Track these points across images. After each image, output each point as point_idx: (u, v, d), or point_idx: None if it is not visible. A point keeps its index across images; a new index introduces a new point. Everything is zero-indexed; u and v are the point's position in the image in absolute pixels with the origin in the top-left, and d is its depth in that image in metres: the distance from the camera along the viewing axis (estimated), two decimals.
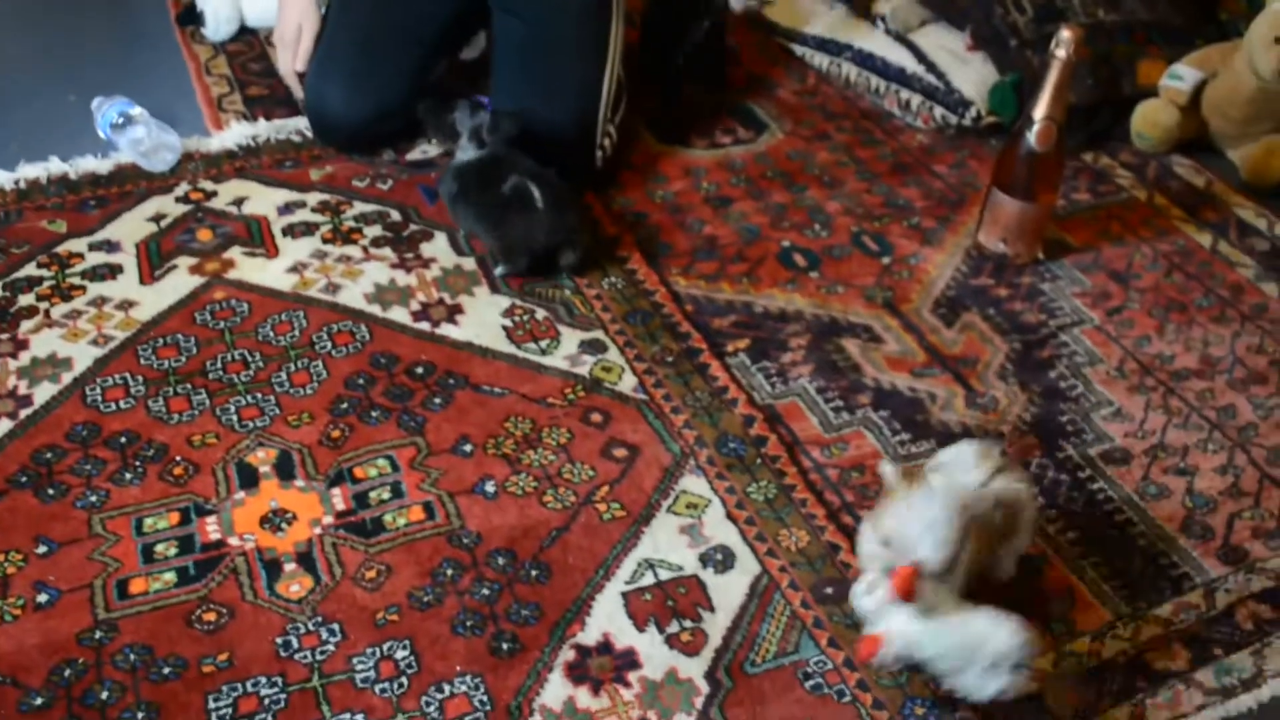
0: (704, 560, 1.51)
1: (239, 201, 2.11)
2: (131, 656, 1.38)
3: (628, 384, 1.76)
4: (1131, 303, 1.99)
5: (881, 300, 1.96)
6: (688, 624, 1.44)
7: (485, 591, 1.46)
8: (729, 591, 1.48)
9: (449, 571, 1.48)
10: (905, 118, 2.43)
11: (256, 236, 2.03)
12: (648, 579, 1.49)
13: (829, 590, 1.48)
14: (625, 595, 1.46)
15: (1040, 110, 1.94)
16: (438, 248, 2.01)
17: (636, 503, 1.58)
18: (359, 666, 1.38)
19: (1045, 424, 1.76)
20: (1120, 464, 1.70)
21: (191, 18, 2.65)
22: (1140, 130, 2.36)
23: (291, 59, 2.24)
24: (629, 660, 1.40)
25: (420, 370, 1.77)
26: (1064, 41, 1.89)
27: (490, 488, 1.59)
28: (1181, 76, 2.32)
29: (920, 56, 2.43)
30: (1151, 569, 1.56)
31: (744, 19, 2.72)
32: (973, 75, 2.37)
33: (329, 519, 1.55)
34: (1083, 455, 1.71)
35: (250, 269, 1.95)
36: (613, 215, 2.11)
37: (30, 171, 2.17)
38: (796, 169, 2.27)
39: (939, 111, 2.37)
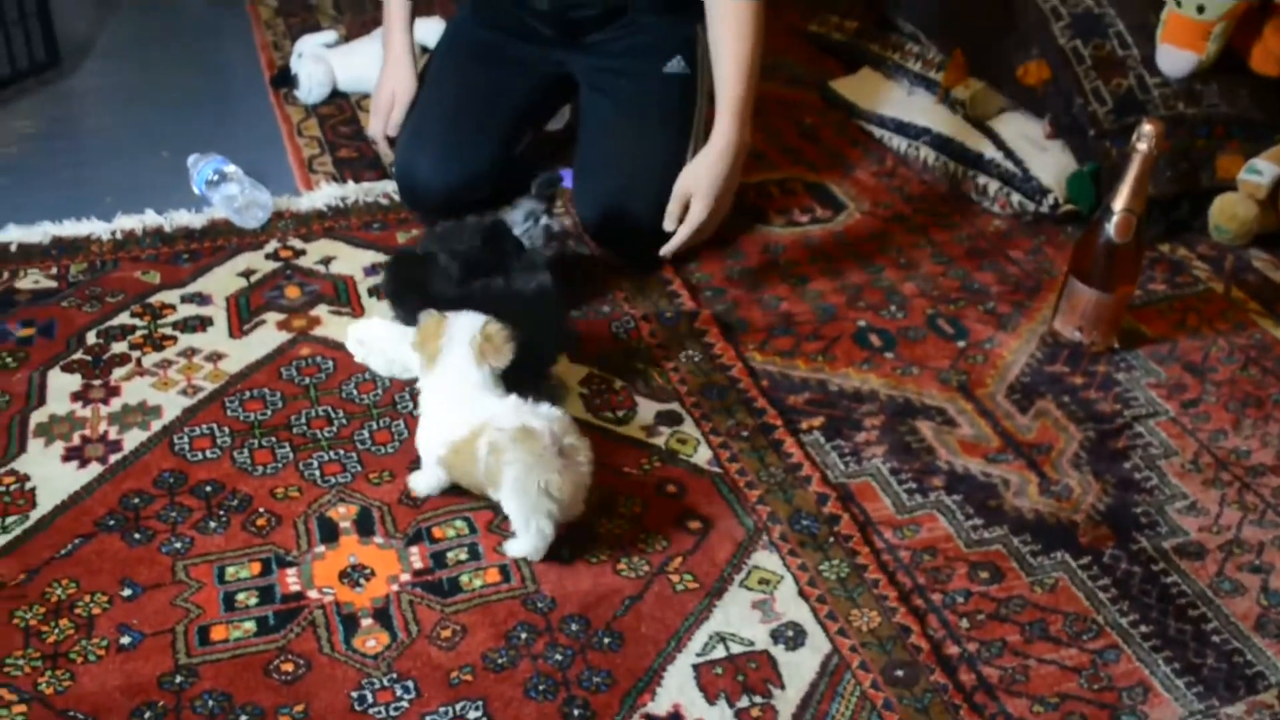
0: (775, 636, 1.52)
1: (327, 261, 2.17)
2: (210, 702, 1.41)
3: (703, 457, 1.78)
4: (1207, 396, 1.99)
5: (956, 384, 1.97)
6: (758, 699, 1.44)
7: (558, 656, 1.47)
8: (800, 669, 1.48)
9: (523, 635, 1.50)
10: (982, 203, 2.45)
11: (343, 296, 2.08)
12: (719, 652, 1.50)
13: (899, 673, 1.48)
14: (696, 667, 1.48)
15: (1120, 202, 1.96)
16: None
17: (709, 575, 1.59)
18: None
19: (1119, 515, 1.75)
20: (1194, 558, 1.69)
21: (285, 80, 2.73)
22: (1218, 223, 2.36)
23: (383, 124, 2.30)
24: None
25: None
26: (1145, 135, 1.90)
27: (566, 553, 1.61)
28: (1260, 171, 2.32)
29: (999, 143, 2.46)
30: (1225, 666, 1.54)
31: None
32: (1051, 163, 2.39)
33: (406, 576, 1.58)
34: (1156, 548, 1.70)
35: (336, 327, 2.00)
36: (691, 289, 2.14)
37: (126, 223, 2.24)
38: (873, 249, 2.30)
39: (1016, 198, 2.39)
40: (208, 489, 1.70)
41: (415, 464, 1.73)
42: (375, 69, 2.65)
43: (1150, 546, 1.71)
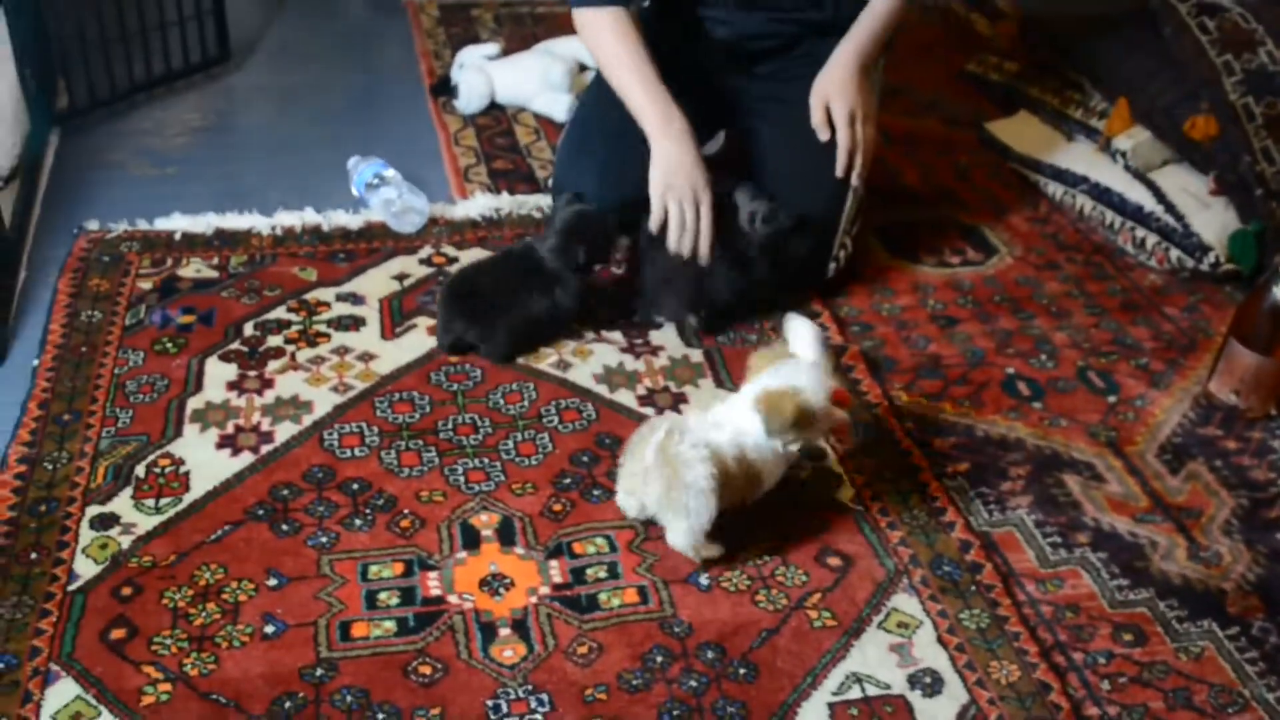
0: (912, 681, 1.50)
1: None
2: (349, 698, 1.43)
3: (845, 494, 1.77)
4: None
5: (1105, 439, 1.93)
6: None
7: (693, 683, 1.47)
8: (936, 717, 1.46)
9: (659, 658, 1.50)
10: (1139, 256, 2.40)
11: None
12: (855, 693, 1.48)
13: None
14: (831, 706, 1.46)
15: None
16: (666, 336, 2.06)
17: (848, 614, 1.58)
18: None
19: (1270, 586, 1.70)
20: None
21: (445, 89, 2.78)
22: None
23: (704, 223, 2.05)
24: None
25: None
26: None
27: (704, 580, 1.61)
28: None
29: (1159, 196, 2.40)
30: None
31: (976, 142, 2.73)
32: (1213, 220, 2.33)
33: (546, 589, 1.59)
34: None
35: None
36: (839, 323, 2.12)
37: (286, 220, 2.30)
38: (1025, 296, 2.26)
39: (1175, 253, 2.34)
40: (355, 486, 1.73)
41: (558, 476, 1.75)
42: (533, 82, 2.71)
43: None
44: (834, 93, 2.13)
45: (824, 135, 2.14)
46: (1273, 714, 1.51)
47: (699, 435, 1.59)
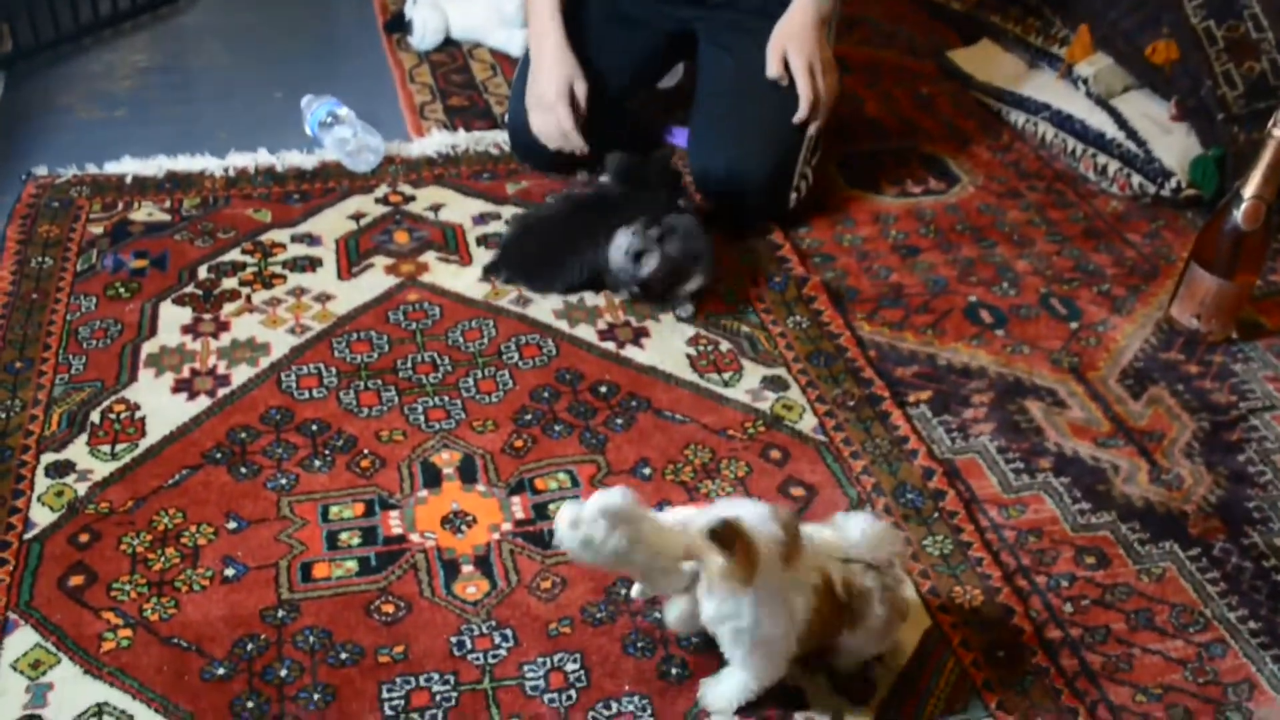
0: None
1: (436, 208, 2.17)
2: (311, 638, 1.42)
3: (808, 424, 1.76)
4: None
5: (1068, 365, 1.93)
6: None
7: (657, 615, 1.46)
8: (900, 642, 1.46)
9: (623, 591, 1.49)
10: (1101, 182, 2.39)
11: (452, 243, 2.08)
12: None
13: (1001, 653, 1.45)
14: None
15: (1250, 188, 1.90)
16: None
17: None
18: (529, 674, 1.40)
19: (1231, 508, 1.71)
20: None
21: (399, 26, 2.74)
22: None
23: (567, 115, 2.17)
24: (797, 699, 1.39)
25: (604, 389, 1.79)
26: None
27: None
28: None
29: (1121, 122, 2.40)
30: None
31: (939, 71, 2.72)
32: (1175, 146, 2.32)
33: (508, 526, 1.58)
34: (1268, 544, 1.66)
35: (444, 274, 2.00)
36: (801, 255, 2.11)
37: (239, 161, 2.27)
38: (987, 224, 2.25)
39: (1137, 179, 2.33)
40: (313, 428, 1.71)
41: (519, 412, 1.74)
42: (488, 18, 2.67)
43: (1262, 542, 1.66)
44: (792, 44, 2.11)
45: (774, 72, 2.12)
46: (1233, 632, 1.52)
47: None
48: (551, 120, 2.18)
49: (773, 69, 2.12)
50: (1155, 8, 2.41)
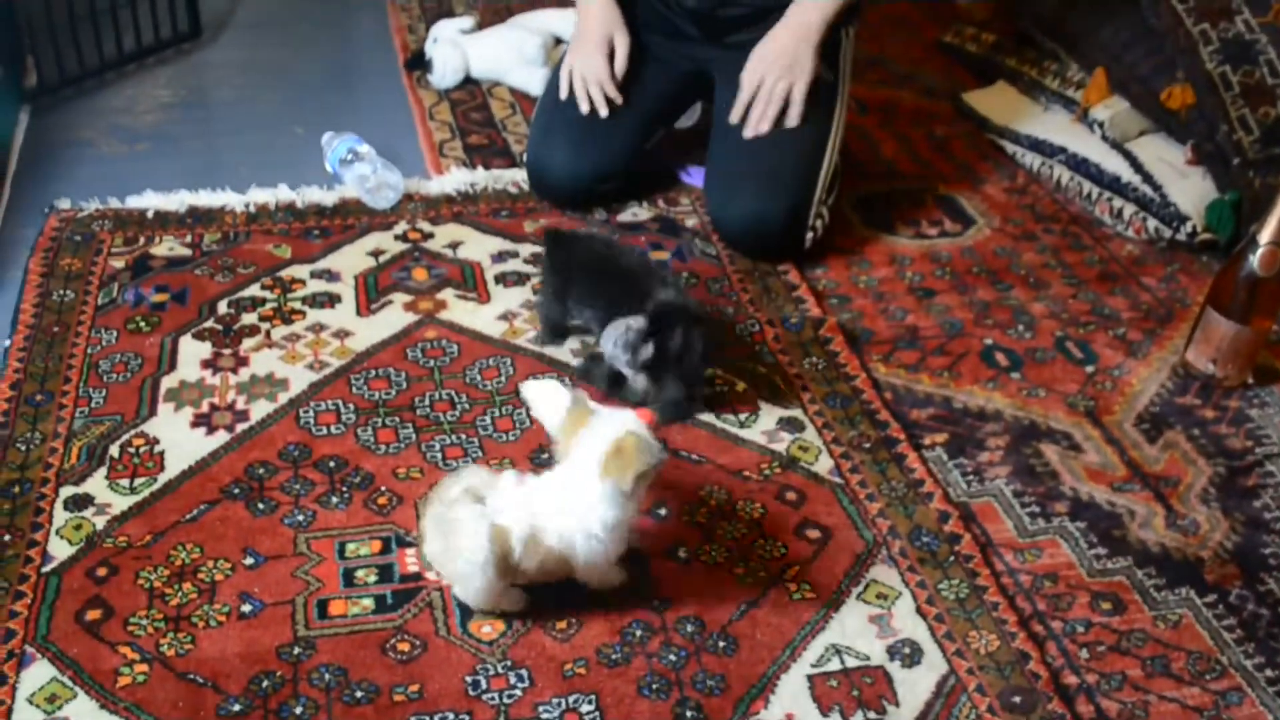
0: (891, 653, 1.50)
1: (455, 245, 2.18)
2: (327, 676, 1.43)
3: (824, 465, 1.76)
4: None
5: (1084, 409, 1.93)
6: (872, 715, 1.42)
7: (672, 657, 1.47)
8: (915, 688, 1.46)
9: (638, 632, 1.49)
10: (1116, 226, 2.40)
11: (470, 281, 2.09)
12: (834, 665, 1.48)
13: (1016, 699, 1.45)
14: (811, 678, 1.46)
15: (1266, 234, 1.90)
16: None
17: (827, 586, 1.58)
18: (544, 715, 1.40)
19: (1247, 554, 1.70)
20: None
21: (419, 64, 2.76)
22: None
23: (603, 65, 2.22)
24: None
25: None
26: None
27: (683, 554, 1.61)
28: None
29: (1137, 166, 2.40)
30: None
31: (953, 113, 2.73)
32: (1191, 190, 2.33)
33: None
34: None
35: (462, 312, 2.01)
36: (817, 295, 2.12)
37: (260, 196, 2.28)
38: (1002, 267, 2.26)
39: (1152, 223, 2.34)
40: (331, 464, 1.72)
41: (535, 452, 1.74)
42: (509, 57, 2.69)
43: (1279, 588, 1.66)
44: (767, 66, 2.14)
45: (735, 118, 2.16)
46: (1250, 681, 1.52)
47: (495, 505, 1.46)
48: (591, 65, 2.21)
49: (743, 96, 2.16)
50: (1171, 53, 2.42)
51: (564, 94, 2.23)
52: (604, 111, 2.21)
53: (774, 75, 2.13)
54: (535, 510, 1.45)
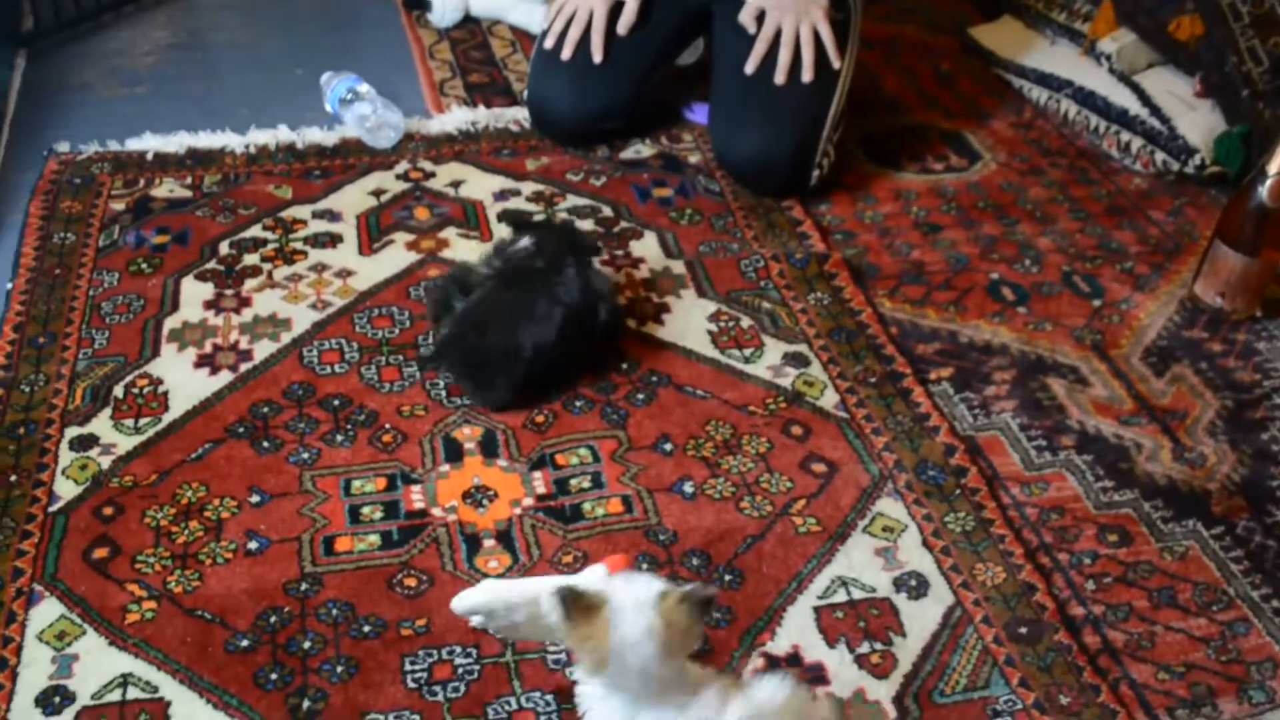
0: (897, 585, 1.50)
1: (456, 184, 2.17)
2: (334, 611, 1.43)
3: (829, 400, 1.76)
4: None
5: (1090, 343, 1.92)
6: (878, 646, 1.43)
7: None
8: (921, 619, 1.46)
9: (644, 565, 1.49)
10: (1123, 160, 2.38)
11: (472, 219, 2.08)
12: (840, 596, 1.48)
13: (1022, 630, 1.45)
14: (817, 610, 1.46)
15: (1275, 165, 1.88)
16: (647, 247, 2.04)
17: (833, 519, 1.58)
18: (551, 648, 1.40)
19: (1254, 487, 1.70)
20: None
21: (419, 3, 2.73)
22: None
23: (601, 9, 2.19)
24: (817, 675, 1.39)
25: (625, 365, 1.79)
26: None
27: (689, 488, 1.60)
28: None
29: (1144, 99, 2.38)
30: None
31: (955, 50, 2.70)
32: (1199, 123, 2.31)
33: (529, 501, 1.58)
34: None
35: (464, 250, 2.00)
36: (822, 231, 2.10)
37: (260, 138, 2.27)
38: (1008, 201, 2.24)
39: (1160, 156, 2.31)
40: (335, 402, 1.71)
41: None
42: None
43: None
44: (784, 14, 2.11)
45: (752, 68, 2.13)
46: (1257, 611, 1.52)
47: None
48: (587, 4, 2.19)
49: (744, 15, 2.13)
50: None
51: (553, 35, 2.21)
52: (598, 58, 2.18)
53: (790, 20, 2.10)
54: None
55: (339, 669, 1.37)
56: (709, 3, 2.24)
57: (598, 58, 2.17)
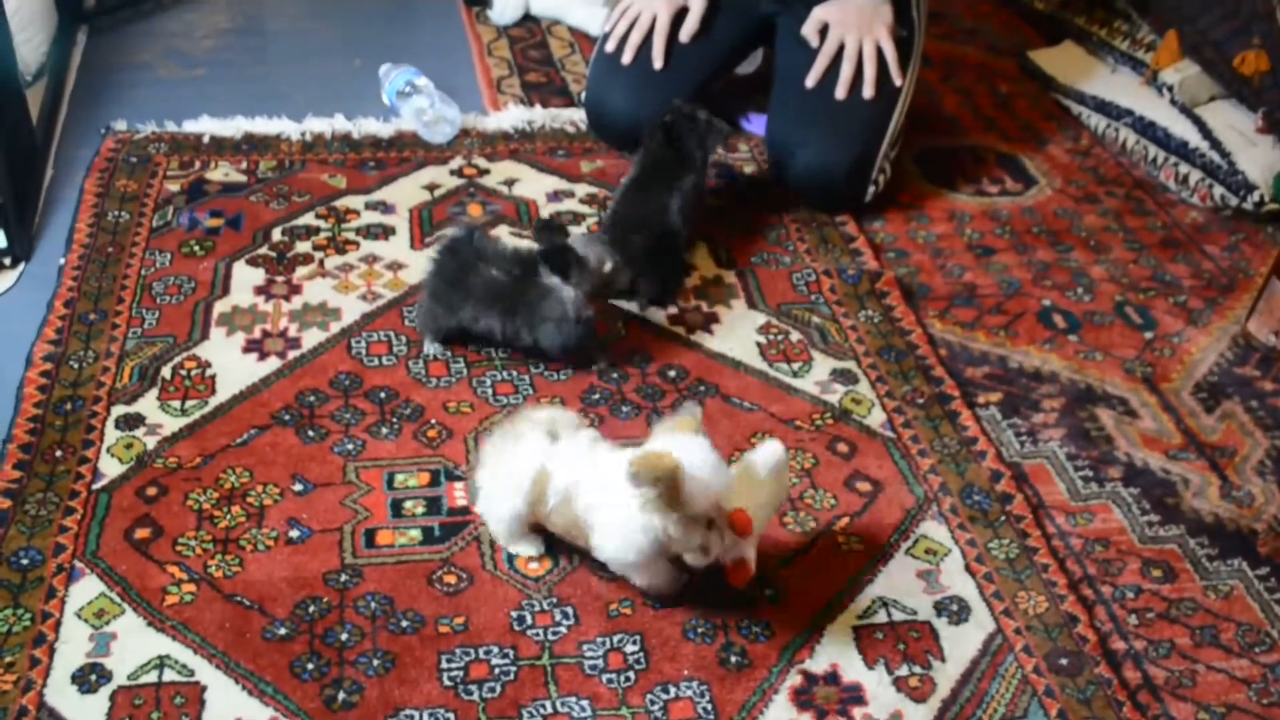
0: (939, 608, 1.49)
1: (510, 182, 2.17)
2: (373, 604, 1.43)
3: (876, 419, 1.75)
4: None
5: (1141, 375, 1.90)
6: (917, 669, 1.41)
7: (719, 602, 1.46)
8: (961, 644, 1.45)
9: (685, 576, 1.48)
10: (1181, 192, 2.35)
11: (524, 219, 2.08)
12: (881, 617, 1.47)
13: (1063, 661, 1.44)
14: (857, 630, 1.45)
15: None
16: (699, 255, 2.03)
17: (876, 539, 1.56)
18: (589, 653, 1.39)
19: None
20: None
21: (479, 0, 2.73)
22: None
23: (665, 16, 2.19)
24: (855, 695, 1.38)
25: (673, 373, 1.79)
26: None
27: None
28: None
29: (1205, 132, 2.36)
30: None
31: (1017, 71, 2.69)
32: (1260, 159, 2.28)
33: None
34: None
35: None
36: (875, 249, 2.09)
37: (316, 126, 2.27)
38: (1063, 228, 2.23)
39: (1218, 191, 2.29)
40: (382, 395, 1.71)
41: (587, 391, 1.73)
42: None
43: None
44: (832, 16, 2.12)
45: (813, 82, 2.13)
46: None
47: (559, 450, 1.42)
48: (651, 7, 2.21)
49: (808, 28, 2.14)
50: (1246, 17, 2.37)
51: (615, 38, 2.21)
52: (659, 64, 2.18)
53: (854, 36, 2.10)
54: (585, 473, 1.41)
55: (375, 662, 1.36)
56: (772, 15, 2.23)
57: (659, 64, 2.17)
